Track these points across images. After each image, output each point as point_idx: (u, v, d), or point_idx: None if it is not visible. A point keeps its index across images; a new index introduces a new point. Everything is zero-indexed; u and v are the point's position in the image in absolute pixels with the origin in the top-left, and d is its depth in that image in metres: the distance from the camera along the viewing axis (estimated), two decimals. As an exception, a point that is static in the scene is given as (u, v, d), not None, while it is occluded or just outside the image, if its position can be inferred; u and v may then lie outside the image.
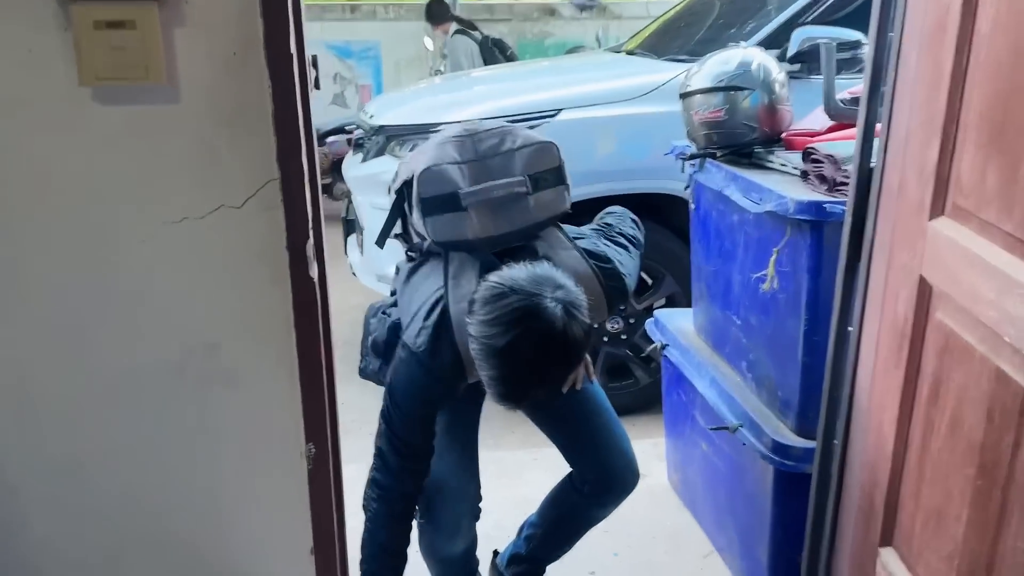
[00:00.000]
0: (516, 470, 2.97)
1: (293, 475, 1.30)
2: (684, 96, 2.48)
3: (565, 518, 2.14)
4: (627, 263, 1.88)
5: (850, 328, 1.59)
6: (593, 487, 2.05)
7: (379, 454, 1.68)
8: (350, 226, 4.07)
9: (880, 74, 1.42)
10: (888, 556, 1.43)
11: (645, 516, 2.78)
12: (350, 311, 4.98)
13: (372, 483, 1.72)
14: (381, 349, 1.89)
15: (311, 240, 1.21)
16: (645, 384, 3.58)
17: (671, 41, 4.20)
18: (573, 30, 8.24)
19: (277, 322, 1.22)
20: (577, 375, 1.94)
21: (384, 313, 1.93)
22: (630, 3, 9.42)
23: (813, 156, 2.10)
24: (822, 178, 2.06)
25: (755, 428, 2.17)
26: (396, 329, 1.87)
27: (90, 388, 1.21)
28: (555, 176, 1.78)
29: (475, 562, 2.13)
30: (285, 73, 1.13)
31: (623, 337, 3.60)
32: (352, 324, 2.07)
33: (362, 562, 1.73)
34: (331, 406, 1.32)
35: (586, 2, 8.27)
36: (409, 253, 1.91)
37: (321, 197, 1.25)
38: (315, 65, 1.23)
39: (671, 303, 3.60)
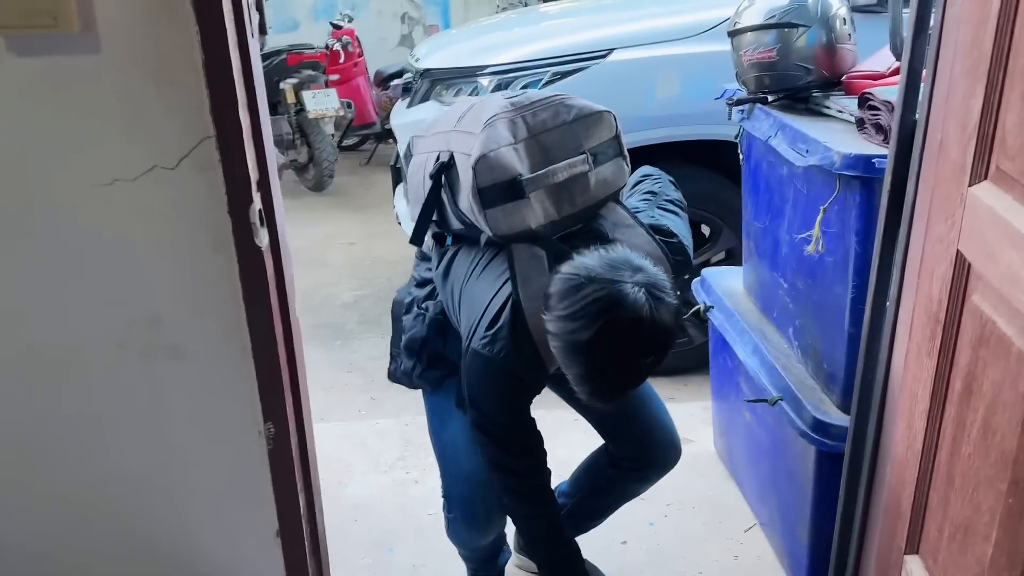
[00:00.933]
0: (554, 430, 2.84)
1: (252, 456, 1.22)
2: (733, 34, 2.25)
3: (600, 491, 2.04)
4: (683, 232, 1.77)
5: (888, 303, 1.40)
6: (634, 463, 1.94)
7: (497, 466, 1.62)
8: (398, 174, 3.97)
9: (927, 9, 1.21)
10: (913, 564, 1.26)
11: (686, 484, 2.65)
12: (403, 262, 4.95)
13: (509, 494, 1.67)
14: (418, 348, 1.81)
15: (256, 204, 1.10)
16: (699, 343, 3.40)
17: (741, -28, 3.88)
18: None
19: (223, 294, 1.13)
20: None
21: (420, 308, 1.85)
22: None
23: (870, 102, 1.86)
24: (879, 127, 1.83)
25: (795, 402, 2.00)
26: (438, 326, 1.78)
27: (26, 364, 1.15)
28: (613, 148, 1.65)
29: (502, 539, 2.06)
30: (215, 17, 1.01)
31: (677, 293, 3.41)
32: (407, 276, 2.01)
33: (549, 558, 1.76)
34: (293, 383, 1.23)
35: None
36: (436, 237, 1.78)
37: (271, 154, 1.14)
38: (259, 8, 1.10)
39: (730, 257, 3.39)
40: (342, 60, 6.23)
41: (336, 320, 4.08)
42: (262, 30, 1.11)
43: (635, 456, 1.93)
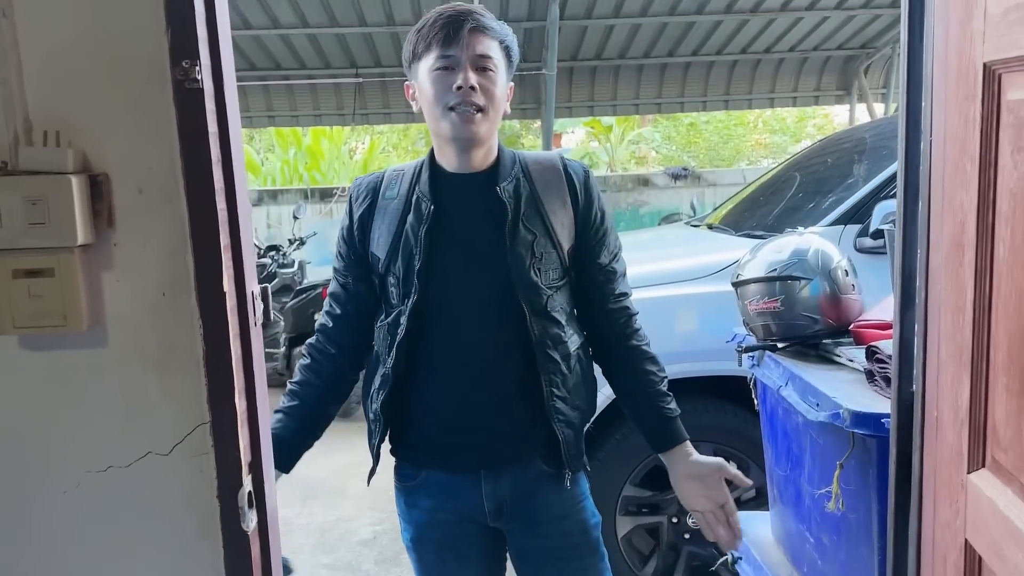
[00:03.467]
0: None
1: None
2: (737, 285, 2.32)
3: None
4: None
5: (910, 581, 1.31)
6: None
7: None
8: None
9: (911, 287, 1.23)
10: None
11: None
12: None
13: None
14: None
15: (246, 487, 1.10)
16: (736, 592, 3.20)
17: (750, 216, 4.07)
18: (668, 198, 8.28)
19: (206, 579, 1.10)
20: None
21: None
22: (726, 171, 9.45)
23: (877, 355, 1.87)
24: (889, 380, 1.82)
25: (831, 676, 1.84)
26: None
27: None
28: None
29: None
30: (217, 313, 1.06)
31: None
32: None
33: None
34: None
35: (679, 171, 8.31)
36: None
37: (266, 434, 1.15)
38: (264, 298, 1.16)
39: (760, 495, 3.27)
40: (374, 292, 6.45)
41: (353, 559, 3.94)
42: (266, 318, 1.16)
43: None
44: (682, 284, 3.36)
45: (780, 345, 2.24)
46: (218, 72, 1.06)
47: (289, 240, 7.46)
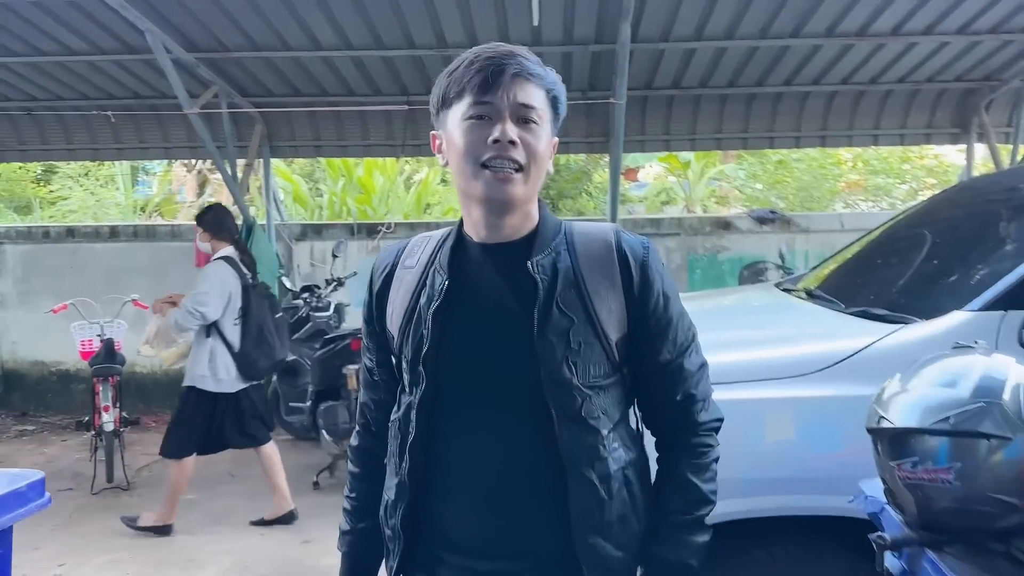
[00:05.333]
0: None
1: None
2: (876, 433, 1.44)
3: None
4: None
5: None
6: None
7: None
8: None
9: None
10: None
11: None
12: None
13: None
14: None
15: None
16: None
17: (863, 283, 3.15)
18: (752, 244, 7.30)
19: None
20: None
21: None
22: (820, 215, 8.37)
23: None
24: None
25: None
26: None
27: None
28: None
29: None
30: None
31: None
32: None
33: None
34: None
35: (766, 215, 7.33)
36: None
37: None
38: None
39: None
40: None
41: None
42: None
43: None
44: (774, 384, 2.46)
45: (946, 542, 1.35)
46: None
47: (326, 280, 6.79)
